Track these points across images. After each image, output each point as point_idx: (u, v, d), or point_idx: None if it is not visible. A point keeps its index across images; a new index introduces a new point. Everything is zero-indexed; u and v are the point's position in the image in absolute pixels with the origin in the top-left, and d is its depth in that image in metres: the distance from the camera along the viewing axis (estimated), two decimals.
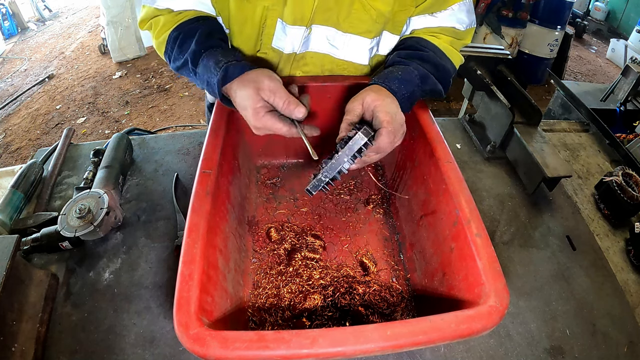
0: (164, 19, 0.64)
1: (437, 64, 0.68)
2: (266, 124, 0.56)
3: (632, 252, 0.80)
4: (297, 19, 0.66)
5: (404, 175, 0.76)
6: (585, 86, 1.44)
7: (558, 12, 3.10)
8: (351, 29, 0.69)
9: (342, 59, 0.74)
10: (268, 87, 0.55)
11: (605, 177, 0.89)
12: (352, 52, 0.73)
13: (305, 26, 0.67)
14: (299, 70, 0.76)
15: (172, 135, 0.99)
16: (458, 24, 0.71)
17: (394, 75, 0.62)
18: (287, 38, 0.69)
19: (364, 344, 0.38)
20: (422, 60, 0.67)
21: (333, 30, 0.69)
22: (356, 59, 0.75)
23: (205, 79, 0.59)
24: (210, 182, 0.54)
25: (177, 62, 0.64)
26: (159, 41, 0.66)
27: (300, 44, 0.70)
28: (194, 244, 0.46)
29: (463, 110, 1.36)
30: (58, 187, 0.85)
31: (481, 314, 0.42)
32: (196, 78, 0.62)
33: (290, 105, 0.56)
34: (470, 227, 0.50)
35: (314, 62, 0.75)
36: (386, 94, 0.58)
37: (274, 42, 0.70)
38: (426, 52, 0.68)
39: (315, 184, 0.59)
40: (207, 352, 0.38)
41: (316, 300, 0.62)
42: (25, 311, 0.58)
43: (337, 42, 0.71)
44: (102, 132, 2.79)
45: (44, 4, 4.73)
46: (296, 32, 0.68)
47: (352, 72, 0.77)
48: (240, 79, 0.56)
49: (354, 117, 0.58)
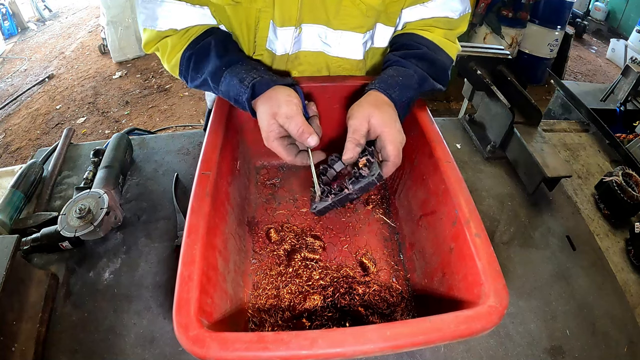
0: (171, 42, 0.64)
1: (433, 60, 0.67)
2: (274, 148, 0.60)
3: (632, 252, 0.80)
4: (285, 19, 0.65)
5: (403, 175, 0.76)
6: (585, 86, 1.44)
7: (558, 12, 3.10)
8: (342, 25, 0.68)
9: (336, 56, 0.74)
10: (285, 114, 0.56)
11: (605, 177, 0.89)
12: (346, 49, 0.73)
13: (294, 26, 0.67)
14: (294, 70, 0.76)
15: (172, 135, 0.99)
16: (451, 12, 0.70)
17: (395, 82, 0.62)
18: (278, 40, 0.69)
19: (363, 344, 0.38)
20: (419, 58, 0.66)
21: (324, 28, 0.68)
22: (351, 55, 0.74)
23: (232, 97, 0.61)
24: (209, 183, 0.54)
25: (195, 82, 0.65)
26: (171, 65, 0.66)
27: (292, 44, 0.70)
28: (193, 245, 0.46)
29: (463, 110, 1.36)
30: (58, 187, 0.85)
31: (481, 314, 0.42)
32: (218, 93, 0.64)
33: (303, 135, 0.57)
34: (470, 227, 0.50)
35: (308, 61, 0.74)
36: (387, 106, 0.59)
37: (268, 44, 0.70)
38: (421, 48, 0.68)
39: (323, 210, 0.64)
40: (206, 354, 0.38)
41: (316, 300, 0.62)
42: (25, 311, 0.58)
43: (329, 40, 0.71)
44: (102, 132, 2.79)
45: (44, 4, 4.73)
46: (286, 33, 0.68)
47: (347, 69, 0.77)
48: (265, 96, 0.58)
49: (361, 139, 0.58)
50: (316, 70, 0.76)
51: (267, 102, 0.58)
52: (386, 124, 0.57)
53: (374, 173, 0.57)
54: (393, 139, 0.56)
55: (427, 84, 0.65)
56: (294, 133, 0.57)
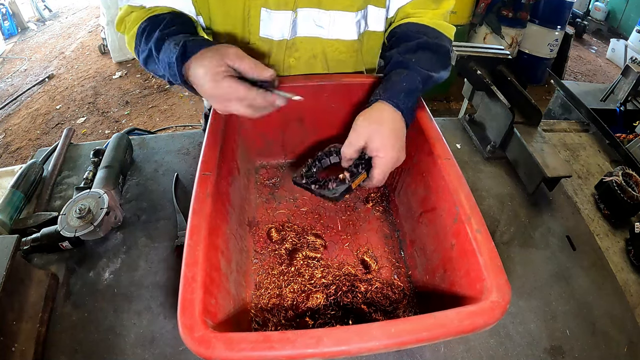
0: (135, 15, 0.63)
1: (436, 46, 0.67)
2: (227, 89, 0.51)
3: (632, 252, 0.80)
4: (280, 3, 0.66)
5: (403, 172, 0.76)
6: (585, 86, 1.44)
7: (558, 12, 3.10)
8: (334, 5, 0.69)
9: (331, 39, 0.74)
10: (234, 53, 0.52)
11: (605, 177, 0.89)
12: (340, 29, 0.73)
13: (291, 10, 0.67)
14: (291, 58, 0.75)
15: (172, 135, 0.99)
16: None
17: (400, 88, 0.61)
18: (274, 24, 0.69)
19: (368, 342, 0.39)
20: (422, 49, 0.66)
21: (316, 10, 0.69)
22: (344, 36, 0.74)
23: (166, 61, 0.54)
24: (210, 183, 0.54)
25: (143, 54, 0.60)
26: (129, 36, 0.64)
27: (290, 28, 0.70)
28: (196, 246, 0.46)
29: (463, 110, 1.36)
30: (58, 187, 0.85)
31: (483, 310, 0.42)
32: (159, 66, 0.58)
33: (257, 66, 0.52)
34: (471, 224, 0.50)
35: (305, 46, 0.74)
36: (390, 122, 0.59)
37: (262, 32, 0.70)
38: (421, 37, 0.68)
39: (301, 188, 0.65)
40: (212, 354, 0.38)
41: (319, 299, 0.62)
42: (25, 311, 0.58)
43: (322, 22, 0.71)
44: (102, 132, 2.79)
45: (44, 4, 4.73)
46: (282, 16, 0.68)
47: (343, 51, 0.77)
48: (201, 53, 0.52)
49: (353, 154, 0.61)
50: (312, 56, 0.76)
51: (207, 54, 0.51)
52: (382, 147, 0.58)
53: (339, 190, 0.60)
54: (383, 164, 0.58)
55: (430, 81, 0.65)
56: (247, 68, 0.52)
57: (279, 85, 0.58)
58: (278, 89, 0.56)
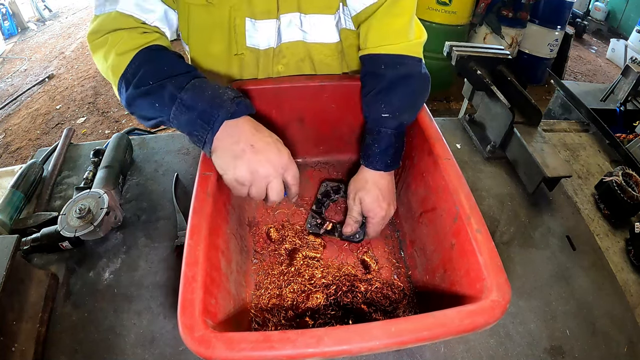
0: (128, 35, 0.57)
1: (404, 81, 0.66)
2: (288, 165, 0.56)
3: (632, 252, 0.80)
4: (264, 11, 0.66)
5: (403, 172, 0.76)
6: (585, 86, 1.43)
7: (558, 12, 3.10)
8: (312, 9, 0.69)
9: (314, 42, 0.74)
10: (287, 161, 0.56)
11: (605, 177, 0.89)
12: (321, 32, 0.73)
13: (275, 18, 0.68)
14: (279, 65, 0.76)
15: (172, 135, 0.99)
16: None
17: (373, 152, 0.67)
18: (260, 34, 0.69)
19: (369, 341, 0.39)
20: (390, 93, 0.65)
21: (298, 15, 0.69)
22: (327, 39, 0.74)
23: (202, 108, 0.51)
24: (210, 183, 0.54)
25: (140, 88, 0.53)
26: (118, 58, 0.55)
27: (275, 36, 0.70)
28: (196, 246, 0.46)
29: (463, 110, 1.36)
30: (58, 187, 0.85)
31: (484, 309, 0.42)
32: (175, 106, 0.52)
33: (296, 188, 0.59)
34: (471, 223, 0.50)
35: (291, 52, 0.75)
36: (373, 185, 0.68)
37: (248, 41, 0.70)
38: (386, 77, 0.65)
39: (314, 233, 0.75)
40: (212, 354, 0.38)
41: (319, 299, 0.62)
42: (25, 311, 0.58)
43: (305, 26, 0.71)
44: (102, 132, 2.79)
45: (44, 4, 4.73)
46: (267, 25, 0.68)
47: (328, 54, 0.77)
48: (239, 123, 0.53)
49: (358, 216, 0.70)
50: (299, 60, 0.76)
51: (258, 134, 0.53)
52: (372, 209, 0.67)
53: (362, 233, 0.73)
54: (375, 223, 0.68)
55: (405, 124, 0.67)
56: (293, 182, 0.57)
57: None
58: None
